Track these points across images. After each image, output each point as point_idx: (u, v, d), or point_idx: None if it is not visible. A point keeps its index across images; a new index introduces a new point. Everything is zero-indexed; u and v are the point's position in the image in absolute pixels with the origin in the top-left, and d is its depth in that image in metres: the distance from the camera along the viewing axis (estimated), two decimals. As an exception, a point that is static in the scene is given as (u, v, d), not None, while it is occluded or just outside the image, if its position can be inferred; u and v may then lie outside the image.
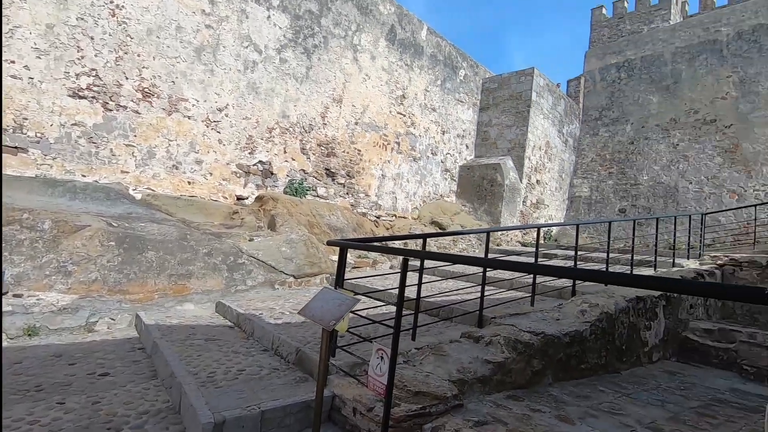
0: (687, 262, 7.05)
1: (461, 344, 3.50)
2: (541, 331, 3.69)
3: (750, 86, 10.56)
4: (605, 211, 12.41)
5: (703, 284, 1.23)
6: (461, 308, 4.19)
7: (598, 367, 4.14)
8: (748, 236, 9.46)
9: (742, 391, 4.30)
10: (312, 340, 3.51)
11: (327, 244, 3.12)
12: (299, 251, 6.17)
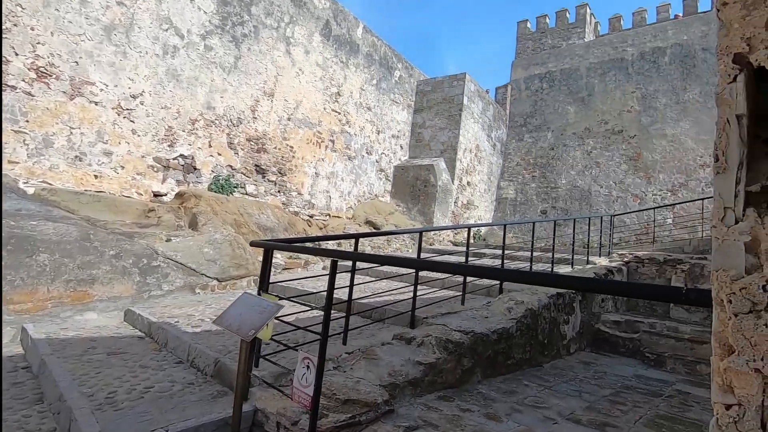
0: (599, 260, 7.67)
1: (393, 346, 3.43)
2: (470, 330, 3.73)
3: (650, 102, 11.81)
4: (529, 212, 13.20)
5: (628, 285, 1.25)
6: (394, 309, 4.13)
7: (523, 361, 4.31)
8: (648, 236, 10.56)
9: (645, 377, 4.71)
10: (234, 349, 3.24)
11: (250, 245, 2.88)
12: (224, 252, 5.76)
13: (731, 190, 0.59)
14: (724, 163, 0.60)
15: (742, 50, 0.58)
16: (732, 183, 0.60)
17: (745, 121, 0.58)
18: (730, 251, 0.57)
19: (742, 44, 0.58)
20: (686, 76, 11.28)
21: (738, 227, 0.57)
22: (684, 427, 3.12)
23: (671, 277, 7.07)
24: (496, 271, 2.10)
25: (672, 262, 7.14)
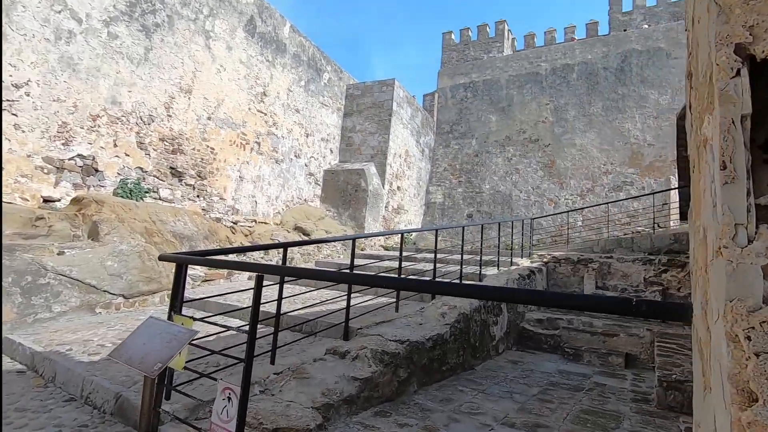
0: (521, 261, 8.07)
1: (326, 362, 3.22)
2: (406, 339, 3.64)
3: (561, 113, 12.84)
4: (456, 216, 13.65)
5: (578, 297, 1.20)
6: (326, 321, 3.91)
7: (457, 366, 4.32)
8: (561, 237, 11.41)
9: (567, 372, 4.98)
10: (141, 379, 2.80)
11: (159, 259, 2.50)
12: (132, 265, 5.11)
13: (742, 203, 0.51)
14: (732, 171, 0.52)
15: (744, 40, 0.51)
16: (743, 195, 0.52)
17: (749, 123, 0.50)
18: (746, 277, 0.49)
19: (744, 33, 0.51)
20: (591, 91, 12.45)
21: (754, 248, 0.49)
22: (605, 420, 3.29)
23: (584, 275, 7.65)
24: (428, 284, 2.00)
25: (584, 261, 7.73)
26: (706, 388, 0.77)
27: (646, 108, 11.68)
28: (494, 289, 1.42)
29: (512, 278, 6.33)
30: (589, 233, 11.18)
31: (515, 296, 1.31)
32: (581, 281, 7.65)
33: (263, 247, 3.24)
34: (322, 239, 4.80)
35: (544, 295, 1.25)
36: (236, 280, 6.63)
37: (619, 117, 11.91)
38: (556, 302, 1.27)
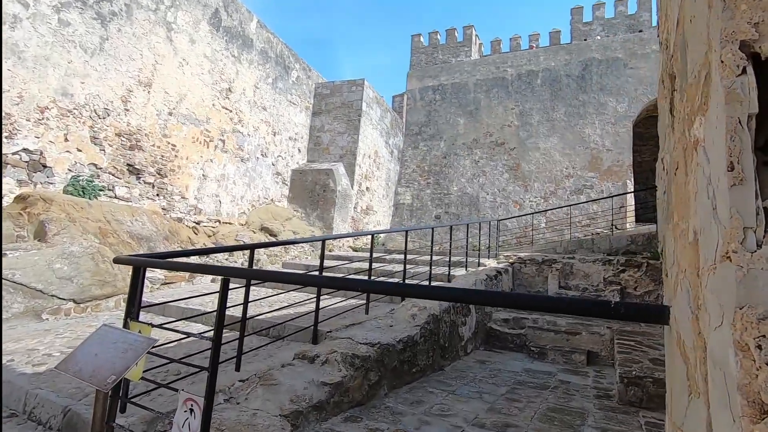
0: (488, 261, 8.21)
1: (295, 367, 3.11)
2: (377, 341, 3.59)
3: (526, 118, 13.20)
4: (424, 217, 13.75)
5: (561, 300, 1.18)
6: (294, 324, 3.80)
7: (427, 367, 4.31)
8: (526, 238, 11.72)
9: (532, 370, 5.08)
10: (93, 391, 2.61)
11: (114, 261, 2.33)
12: (84, 268, 4.79)
13: (751, 206, 0.50)
14: (740, 172, 0.51)
15: (750, 37, 0.49)
16: (751, 197, 0.50)
17: (754, 123, 0.49)
18: (757, 283, 0.47)
19: (750, 30, 0.49)
20: (554, 97, 12.87)
21: (764, 253, 0.47)
22: (571, 417, 3.36)
23: (548, 276, 7.87)
24: (400, 287, 1.96)
25: (548, 262, 7.95)
26: (692, 392, 0.76)
27: (605, 115, 12.20)
28: (476, 293, 1.40)
29: (480, 279, 6.41)
30: (552, 234, 11.53)
31: (495, 300, 1.28)
32: (545, 281, 7.86)
33: (229, 248, 3.09)
34: (290, 240, 4.68)
35: (525, 298, 1.23)
36: (198, 283, 6.36)
37: (580, 123, 12.37)
38: (537, 306, 1.25)
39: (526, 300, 1.28)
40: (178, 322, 3.42)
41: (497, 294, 1.24)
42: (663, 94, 1.26)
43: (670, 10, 0.99)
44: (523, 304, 1.25)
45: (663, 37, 1.22)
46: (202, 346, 3.35)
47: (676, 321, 0.91)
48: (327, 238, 4.24)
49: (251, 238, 8.83)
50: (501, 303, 1.29)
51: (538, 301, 1.22)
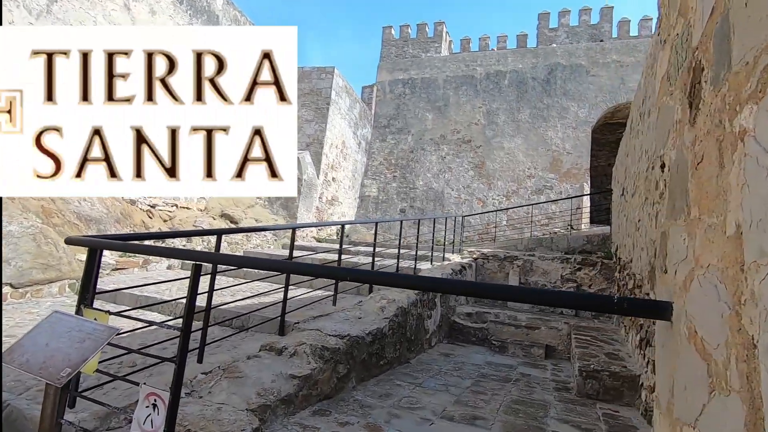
0: (453, 256, 8.32)
1: (261, 359, 2.98)
2: (346, 334, 3.52)
3: (493, 117, 13.47)
4: (390, 210, 13.75)
5: (564, 294, 1.16)
6: (260, 315, 3.65)
7: (394, 360, 4.29)
8: (488, 234, 12.00)
9: (494, 363, 5.20)
10: (37, 383, 2.37)
11: (67, 242, 2.10)
12: (24, 249, 4.37)
13: None
14: None
15: None
16: None
17: None
18: None
19: None
20: (520, 98, 13.20)
21: None
22: (534, 409, 3.45)
23: (509, 272, 8.09)
24: (381, 276, 1.90)
25: (510, 259, 8.17)
26: (716, 390, 0.75)
27: (566, 119, 12.66)
28: (489, 287, 1.35)
29: (446, 273, 6.47)
30: (512, 232, 11.87)
31: (496, 293, 1.24)
32: (507, 277, 8.08)
33: (194, 233, 2.91)
34: (260, 227, 4.50)
35: (522, 291, 1.20)
36: (153, 269, 6.00)
37: (543, 125, 12.78)
38: (540, 300, 1.22)
39: (529, 294, 1.26)
40: (133, 311, 3.19)
41: (500, 287, 1.21)
42: (668, 91, 1.26)
43: (694, 3, 0.98)
44: (526, 298, 1.22)
45: (672, 33, 1.21)
46: (159, 336, 3.14)
47: (688, 317, 0.90)
48: (298, 227, 4.11)
49: (210, 225, 8.45)
50: (506, 297, 1.26)
51: (540, 295, 1.20)
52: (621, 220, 6.86)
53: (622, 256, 6.41)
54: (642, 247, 4.47)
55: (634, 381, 3.75)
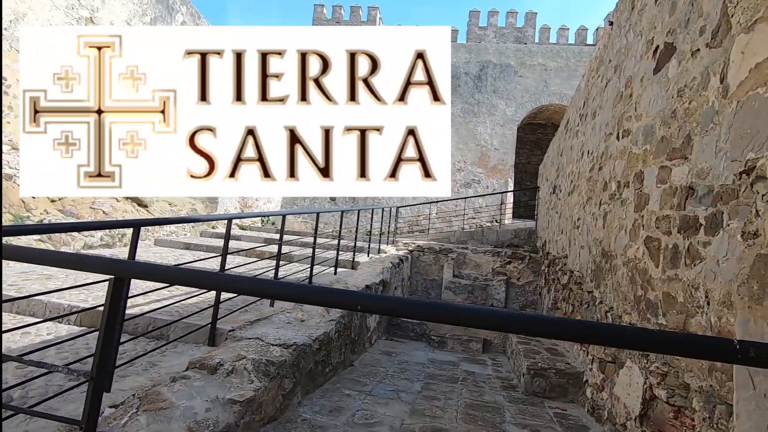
0: (389, 248, 8.11)
1: (191, 381, 2.42)
2: (292, 342, 3.06)
3: (426, 108, 13.46)
4: (318, 199, 13.16)
5: (649, 334, 0.89)
6: (186, 322, 3.03)
7: (339, 365, 3.92)
8: (418, 226, 12.03)
9: (437, 360, 5.08)
10: None
11: None
12: None
13: None
14: None
15: None
16: None
17: None
18: None
19: None
20: (453, 92, 13.33)
21: None
22: (490, 414, 3.32)
23: (444, 264, 8.10)
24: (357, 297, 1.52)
25: (445, 251, 8.18)
26: None
27: (495, 116, 13.09)
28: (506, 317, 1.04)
29: (386, 267, 6.21)
30: (441, 224, 12.03)
31: (540, 328, 0.95)
32: (441, 270, 8.08)
33: (106, 224, 2.24)
34: (189, 218, 3.83)
35: (581, 327, 0.91)
36: (36, 262, 4.87)
37: (474, 120, 13.08)
38: (612, 339, 0.94)
39: (596, 330, 0.97)
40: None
41: (536, 319, 0.93)
42: None
43: None
44: (587, 335, 0.94)
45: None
46: (63, 355, 2.42)
47: None
48: (234, 217, 3.50)
49: (113, 207, 7.24)
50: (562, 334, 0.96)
51: (617, 332, 0.92)
52: (551, 217, 7.15)
53: (552, 251, 6.68)
54: (582, 245, 4.60)
55: (579, 378, 3.82)
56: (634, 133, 3.23)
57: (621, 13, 3.91)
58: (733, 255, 1.83)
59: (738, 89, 1.44)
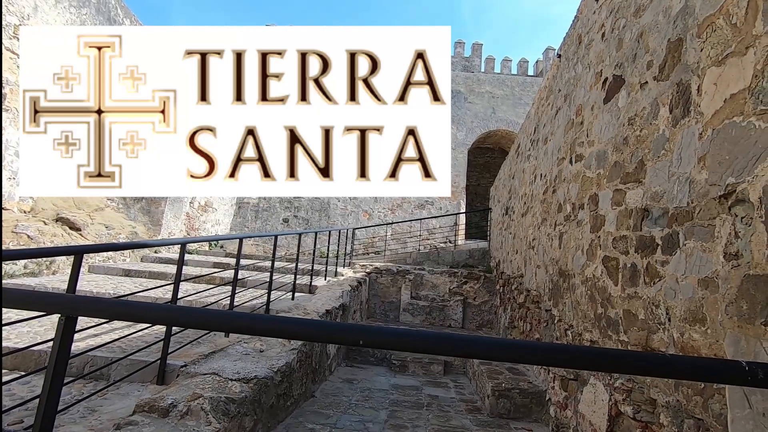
0: (345, 270, 7.96)
1: (139, 427, 2.15)
2: (253, 376, 2.84)
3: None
4: (271, 220, 12.76)
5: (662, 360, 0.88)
6: (131, 359, 2.72)
7: (300, 396, 3.70)
8: (374, 247, 11.97)
9: (400, 386, 4.96)
10: None
11: None
12: None
13: None
14: None
15: None
16: None
17: None
18: None
19: None
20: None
21: None
22: (459, 440, 3.26)
23: (401, 286, 8.06)
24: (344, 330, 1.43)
25: (402, 273, 8.16)
26: None
27: (446, 139, 13.51)
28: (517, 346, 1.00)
29: (345, 290, 6.06)
30: (396, 246, 12.06)
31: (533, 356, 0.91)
32: (399, 291, 8.03)
33: (37, 252, 1.98)
34: (140, 243, 3.54)
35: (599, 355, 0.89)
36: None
37: (427, 143, 13.43)
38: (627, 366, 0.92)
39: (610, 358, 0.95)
40: None
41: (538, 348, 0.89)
42: (750, 110, 1.11)
43: None
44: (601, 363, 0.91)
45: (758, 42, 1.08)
46: None
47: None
48: (187, 241, 3.25)
49: (40, 232, 6.54)
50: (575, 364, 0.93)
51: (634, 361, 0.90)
52: (504, 237, 7.38)
53: (507, 270, 6.86)
54: (539, 264, 4.75)
55: (542, 396, 3.87)
56: (587, 158, 3.41)
57: (569, 46, 4.19)
58: (691, 273, 1.94)
59: (713, 118, 1.54)
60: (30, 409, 2.09)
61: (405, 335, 0.94)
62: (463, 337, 0.94)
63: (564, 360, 0.93)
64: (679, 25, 2.18)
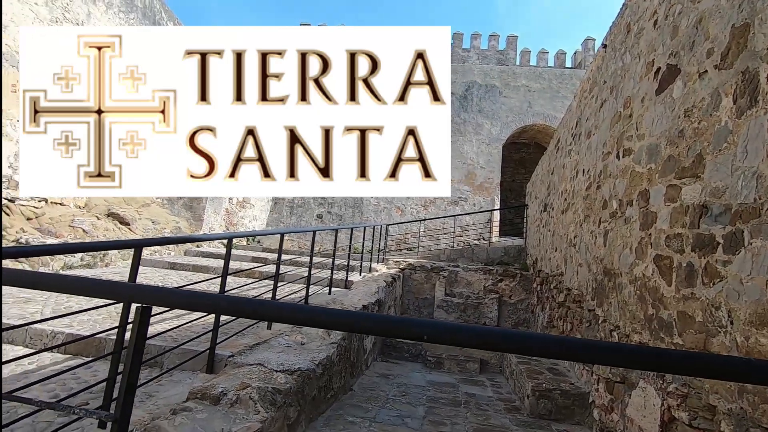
0: (380, 266, 8.00)
1: (192, 413, 2.25)
2: (296, 368, 2.91)
3: (413, 127, 13.59)
4: (305, 216, 12.99)
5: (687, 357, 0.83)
6: (183, 349, 2.85)
7: (339, 390, 3.76)
8: (406, 243, 11.97)
9: (436, 382, 4.95)
10: None
11: None
12: None
13: None
14: None
15: None
16: None
17: None
18: None
19: None
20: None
21: None
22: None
23: (435, 283, 8.02)
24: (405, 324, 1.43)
25: (436, 270, 8.12)
26: None
27: (481, 135, 13.30)
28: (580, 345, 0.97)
29: (380, 286, 6.09)
30: (428, 242, 12.00)
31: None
32: (433, 288, 8.00)
33: (99, 246, 2.10)
34: (190, 237, 3.68)
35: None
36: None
37: (461, 139, 13.25)
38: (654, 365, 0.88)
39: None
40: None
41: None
42: None
43: None
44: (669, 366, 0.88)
45: None
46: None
47: None
48: (235, 236, 3.36)
49: (94, 226, 6.95)
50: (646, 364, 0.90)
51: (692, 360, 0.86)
52: (542, 234, 7.20)
53: (545, 268, 6.69)
54: (581, 263, 4.60)
55: (584, 398, 3.76)
56: (636, 152, 3.27)
57: (615, 35, 4.02)
58: (758, 274, 1.83)
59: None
60: (94, 392, 2.23)
61: (470, 331, 0.93)
62: (529, 334, 0.93)
63: (655, 364, 0.89)
64: (745, 9, 2.05)
